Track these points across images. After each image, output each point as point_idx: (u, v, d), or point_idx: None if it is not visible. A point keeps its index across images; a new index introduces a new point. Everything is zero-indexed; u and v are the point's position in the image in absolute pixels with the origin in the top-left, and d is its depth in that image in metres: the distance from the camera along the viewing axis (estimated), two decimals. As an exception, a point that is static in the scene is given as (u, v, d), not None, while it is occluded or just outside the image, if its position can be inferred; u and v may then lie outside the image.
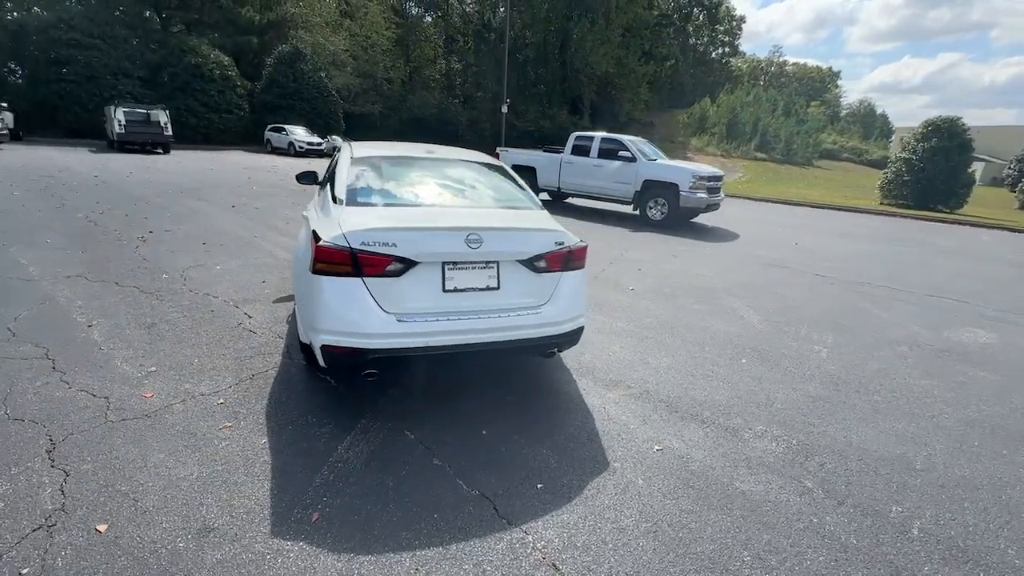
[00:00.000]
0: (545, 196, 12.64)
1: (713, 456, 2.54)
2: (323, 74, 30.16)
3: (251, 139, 28.38)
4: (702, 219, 11.02)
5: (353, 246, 2.38)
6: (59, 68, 24.03)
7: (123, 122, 19.99)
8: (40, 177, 10.87)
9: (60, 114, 24.37)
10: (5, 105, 21.20)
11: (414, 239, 2.47)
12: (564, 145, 11.70)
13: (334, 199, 2.86)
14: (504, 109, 24.16)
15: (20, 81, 26.22)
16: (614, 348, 3.82)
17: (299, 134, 25.94)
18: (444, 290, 2.55)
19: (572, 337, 2.92)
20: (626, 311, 4.70)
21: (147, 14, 30.12)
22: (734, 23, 56.36)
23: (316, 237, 2.49)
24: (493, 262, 2.63)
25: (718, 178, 10.46)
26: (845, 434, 2.82)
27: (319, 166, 18.26)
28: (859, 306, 5.34)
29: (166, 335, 3.52)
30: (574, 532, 1.98)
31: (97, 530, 1.83)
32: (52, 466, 2.15)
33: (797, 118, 34.70)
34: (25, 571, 1.64)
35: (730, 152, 32.30)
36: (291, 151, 25.46)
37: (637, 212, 10.51)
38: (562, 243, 2.79)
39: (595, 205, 12.29)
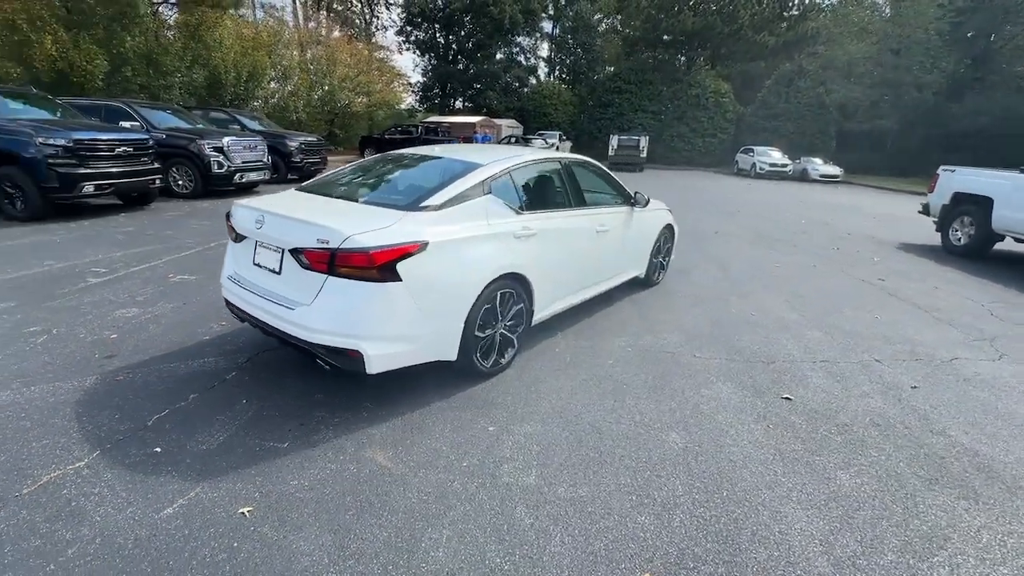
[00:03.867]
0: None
1: None
2: (821, 89, 27.01)
3: (727, 161, 29.36)
4: None
5: (229, 214, 3.06)
6: (603, 109, 32.78)
7: (615, 147, 25.48)
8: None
9: (595, 142, 33.39)
10: (565, 136, 31.19)
11: (235, 214, 2.88)
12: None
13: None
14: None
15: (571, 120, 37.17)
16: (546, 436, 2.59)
17: (768, 156, 24.68)
18: (253, 263, 2.82)
19: (336, 356, 2.46)
20: (694, 420, 2.83)
21: (679, 59, 35.93)
22: None
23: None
24: (280, 247, 2.63)
25: None
26: None
27: (761, 189, 17.08)
28: None
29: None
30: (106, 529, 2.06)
31: (109, 340, 3.51)
32: (166, 289, 4.08)
33: None
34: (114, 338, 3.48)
35: None
36: (752, 172, 24.76)
37: None
38: (326, 241, 2.38)
39: None
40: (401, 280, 2.45)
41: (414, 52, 38.35)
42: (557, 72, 41.61)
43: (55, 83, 12.36)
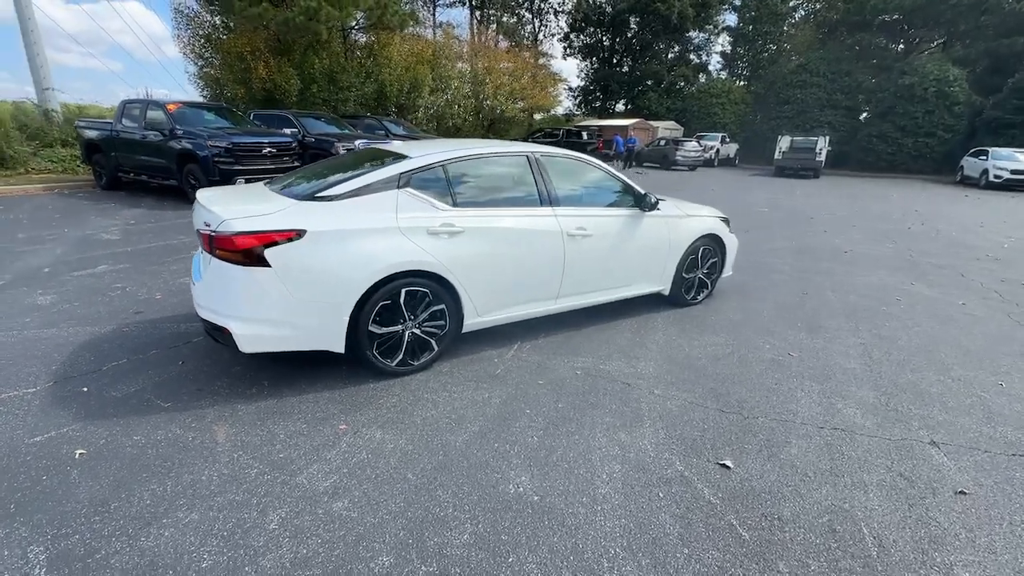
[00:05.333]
0: None
1: (27, 503, 1.92)
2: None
3: (950, 167, 23.13)
4: None
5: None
6: (781, 107, 28.68)
7: (784, 148, 22.06)
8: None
9: (768, 144, 29.40)
10: (729, 138, 28.23)
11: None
12: None
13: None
14: None
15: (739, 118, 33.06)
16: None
17: (1012, 159, 18.71)
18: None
19: (216, 332, 2.63)
20: (567, 466, 2.35)
21: (897, 43, 29.48)
22: None
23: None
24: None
25: None
26: None
27: (980, 203, 13.25)
28: None
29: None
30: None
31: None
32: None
33: None
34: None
35: None
36: (981, 181, 19.11)
37: None
38: (209, 225, 2.56)
39: None
40: (270, 266, 2.52)
41: (577, 57, 38.68)
42: (733, 67, 37.75)
43: (264, 99, 15.66)
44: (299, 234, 2.57)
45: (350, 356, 2.86)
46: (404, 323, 2.94)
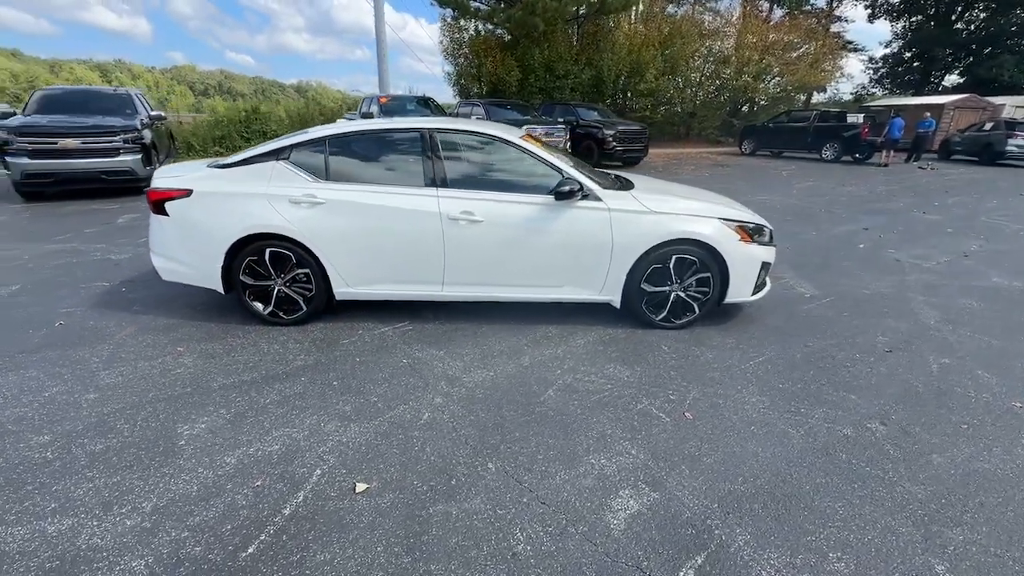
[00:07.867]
0: None
1: (4, 343, 3.13)
2: None
3: None
4: None
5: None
6: None
7: None
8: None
9: None
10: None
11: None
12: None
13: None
14: None
15: None
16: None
17: None
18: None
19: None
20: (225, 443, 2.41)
21: None
22: None
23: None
24: None
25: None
26: None
27: None
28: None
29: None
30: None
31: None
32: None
33: None
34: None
35: None
36: None
37: None
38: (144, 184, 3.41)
39: None
40: (168, 215, 3.25)
41: (885, 18, 29.82)
42: None
43: (492, 91, 17.71)
44: (188, 193, 3.21)
45: (228, 296, 3.42)
46: (272, 280, 3.32)
